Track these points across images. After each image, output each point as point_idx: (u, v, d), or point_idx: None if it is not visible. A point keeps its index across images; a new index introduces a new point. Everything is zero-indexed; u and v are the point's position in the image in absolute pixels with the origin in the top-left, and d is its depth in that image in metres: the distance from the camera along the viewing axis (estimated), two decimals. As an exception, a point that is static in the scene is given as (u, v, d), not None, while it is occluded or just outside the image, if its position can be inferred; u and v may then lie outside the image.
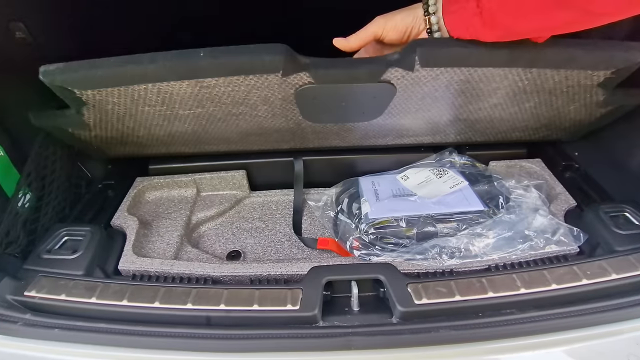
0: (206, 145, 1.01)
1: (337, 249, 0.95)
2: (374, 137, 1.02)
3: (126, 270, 0.82)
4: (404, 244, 0.87)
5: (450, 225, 0.90)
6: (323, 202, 1.06)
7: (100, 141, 0.93)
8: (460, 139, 1.05)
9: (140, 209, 1.03)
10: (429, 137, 1.04)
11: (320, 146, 1.04)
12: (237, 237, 1.01)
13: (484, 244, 0.84)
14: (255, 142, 1.01)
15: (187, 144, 0.98)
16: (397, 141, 1.05)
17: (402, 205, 0.95)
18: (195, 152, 1.04)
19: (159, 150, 1.01)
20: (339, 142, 1.03)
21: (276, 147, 1.04)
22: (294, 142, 1.02)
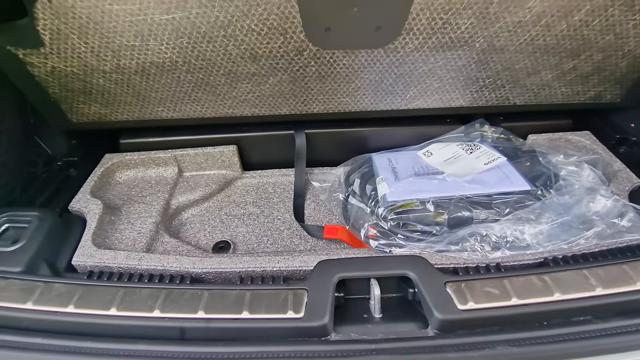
0: (188, 104, 0.82)
1: (349, 238, 0.77)
2: (392, 94, 0.83)
3: (82, 265, 0.64)
4: (433, 232, 0.70)
5: (489, 209, 0.73)
6: (330, 183, 0.88)
7: (59, 83, 0.74)
8: (495, 99, 0.86)
9: (108, 191, 0.85)
10: (459, 94, 0.84)
11: (325, 110, 0.86)
12: (227, 225, 0.83)
13: (535, 231, 0.67)
14: (248, 100, 0.82)
15: (164, 101, 0.80)
16: (419, 103, 0.86)
17: (427, 185, 0.77)
18: (175, 118, 0.85)
19: (132, 113, 0.82)
20: (349, 102, 0.84)
21: (273, 112, 0.85)
22: (295, 101, 0.83)
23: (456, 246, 0.66)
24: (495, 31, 0.69)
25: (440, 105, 0.86)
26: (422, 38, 0.69)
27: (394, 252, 0.67)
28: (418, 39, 0.70)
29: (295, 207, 0.85)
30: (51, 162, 0.89)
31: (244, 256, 0.65)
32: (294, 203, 0.86)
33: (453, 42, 0.71)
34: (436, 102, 0.86)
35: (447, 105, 0.87)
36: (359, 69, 0.76)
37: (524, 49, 0.73)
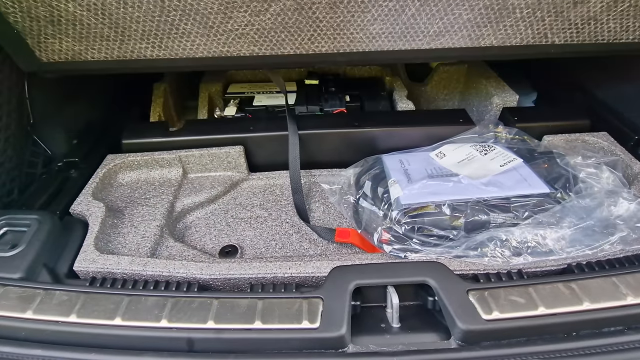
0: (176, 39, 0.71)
1: (361, 242, 0.75)
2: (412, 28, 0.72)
3: (84, 271, 0.61)
4: (450, 237, 0.67)
5: (507, 212, 0.70)
6: (340, 185, 0.85)
7: (20, 9, 0.64)
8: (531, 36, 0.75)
9: (111, 193, 0.82)
10: (490, 29, 0.73)
11: (335, 50, 0.75)
12: (233, 228, 0.80)
13: (557, 236, 0.64)
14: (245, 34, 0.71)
15: (148, 34, 0.70)
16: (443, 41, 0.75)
17: (442, 187, 0.75)
18: (162, 58, 0.74)
19: (111, 50, 0.72)
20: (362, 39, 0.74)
21: (275, 51, 0.74)
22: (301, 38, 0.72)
23: (475, 251, 0.64)
24: None
25: (468, 43, 0.76)
26: None
27: (409, 258, 0.65)
28: None
29: (296, 205, 0.82)
30: (51, 162, 0.86)
31: (253, 261, 0.62)
32: (295, 200, 0.83)
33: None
34: (463, 39, 0.75)
35: (475, 44, 0.76)
36: (375, 18, 0.67)
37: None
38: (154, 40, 0.71)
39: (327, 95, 1.08)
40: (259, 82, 1.22)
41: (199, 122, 0.96)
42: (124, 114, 1.13)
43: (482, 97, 1.12)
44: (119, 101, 1.15)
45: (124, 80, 1.20)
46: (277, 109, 1.06)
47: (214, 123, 0.95)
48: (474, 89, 1.18)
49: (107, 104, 1.10)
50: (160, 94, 1.12)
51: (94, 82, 1.06)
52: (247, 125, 0.91)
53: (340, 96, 1.06)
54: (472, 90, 1.19)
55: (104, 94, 1.11)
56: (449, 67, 1.23)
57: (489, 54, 0.78)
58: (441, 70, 1.24)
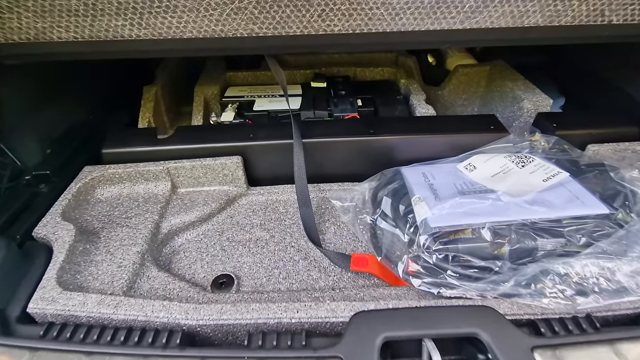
0: (159, 16, 0.59)
1: (382, 273, 0.62)
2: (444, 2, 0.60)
3: (40, 314, 0.49)
4: (493, 268, 0.55)
5: (558, 237, 0.58)
6: (354, 202, 0.73)
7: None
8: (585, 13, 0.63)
9: (86, 212, 0.70)
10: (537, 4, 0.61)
11: (351, 30, 0.64)
12: (229, 253, 0.68)
13: (630, 269, 0.52)
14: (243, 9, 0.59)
15: (124, 9, 0.58)
16: (480, 20, 0.63)
17: (478, 206, 0.63)
18: (144, 38, 0.63)
19: (82, 28, 0.60)
20: (383, 15, 0.62)
21: (279, 31, 0.63)
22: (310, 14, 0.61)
23: (527, 289, 0.51)
24: None
25: (509, 22, 0.64)
26: None
27: (443, 294, 0.53)
28: None
29: (304, 223, 0.70)
30: (19, 175, 0.74)
31: (252, 302, 0.50)
32: (302, 217, 0.70)
33: None
34: (504, 17, 0.63)
35: (517, 24, 0.64)
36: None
37: None
38: (132, 16, 0.59)
39: (336, 99, 0.96)
40: (261, 84, 1.10)
41: (192, 129, 0.85)
42: (112, 119, 1.01)
43: (508, 102, 1.00)
44: (107, 104, 1.03)
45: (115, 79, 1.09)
46: (280, 114, 0.94)
47: (209, 130, 0.83)
48: (498, 93, 1.06)
49: (93, 107, 0.98)
50: (151, 97, 1.01)
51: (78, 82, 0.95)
52: (247, 132, 0.80)
53: (351, 100, 0.95)
54: (496, 94, 1.08)
55: (90, 96, 0.99)
56: (469, 69, 1.12)
57: (530, 36, 0.66)
58: (460, 73, 1.12)
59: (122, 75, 1.09)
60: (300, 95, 0.99)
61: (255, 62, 1.18)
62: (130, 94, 1.04)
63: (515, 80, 1.01)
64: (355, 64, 1.14)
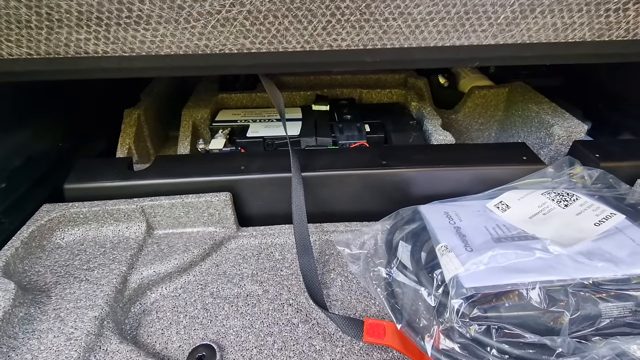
0: (131, 28, 0.48)
1: (403, 346, 0.50)
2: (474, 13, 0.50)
3: (-55, 420, 0.36)
4: (552, 346, 0.42)
5: (626, 301, 0.46)
6: (364, 249, 0.61)
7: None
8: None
9: (39, 262, 0.58)
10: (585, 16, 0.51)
11: (361, 45, 0.53)
12: (212, 314, 0.55)
13: None
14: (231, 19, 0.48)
15: (88, 19, 0.48)
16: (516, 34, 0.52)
17: (522, 259, 0.50)
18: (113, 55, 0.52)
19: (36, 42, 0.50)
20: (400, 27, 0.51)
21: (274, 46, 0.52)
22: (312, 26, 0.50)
23: (603, 380, 0.39)
24: None
25: (551, 37, 0.54)
26: None
27: (488, 383, 0.40)
28: None
29: (304, 275, 0.57)
30: (-38, 215, 0.62)
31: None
32: (301, 267, 0.58)
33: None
34: (545, 32, 0.53)
35: (560, 39, 0.54)
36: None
37: None
38: (97, 29, 0.48)
39: (341, 124, 0.85)
40: (256, 107, 1.00)
41: (173, 159, 0.73)
42: (86, 146, 0.90)
43: (533, 127, 0.90)
44: (81, 129, 0.92)
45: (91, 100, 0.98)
46: (277, 140, 0.83)
47: (194, 161, 0.72)
48: (520, 117, 0.96)
49: (64, 132, 0.87)
50: (133, 121, 0.90)
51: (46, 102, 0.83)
52: (238, 163, 0.68)
53: (358, 125, 0.84)
54: (517, 118, 0.97)
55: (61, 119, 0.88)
56: (486, 90, 1.02)
57: (576, 53, 0.55)
58: (476, 95, 1.02)
59: (100, 96, 0.98)
60: (300, 119, 0.88)
61: (251, 83, 1.08)
62: (109, 117, 0.93)
63: (540, 103, 0.91)
64: (361, 86, 1.04)
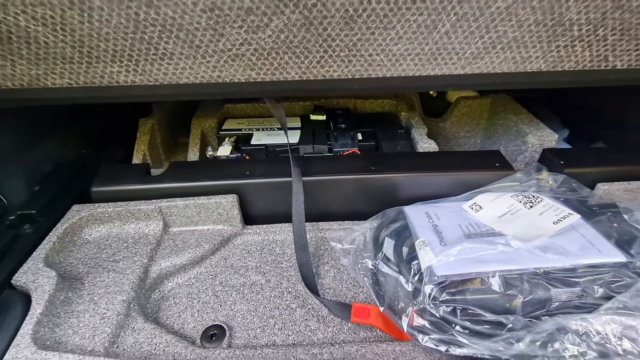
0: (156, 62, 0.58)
1: (385, 325, 0.58)
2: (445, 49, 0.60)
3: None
4: (507, 324, 0.51)
5: (572, 288, 0.54)
6: (354, 244, 0.69)
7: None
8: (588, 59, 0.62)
9: (71, 255, 0.67)
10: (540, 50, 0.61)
11: (350, 75, 0.63)
12: (222, 300, 0.64)
13: (655, 327, 0.48)
14: (240, 55, 0.59)
15: (120, 55, 0.57)
16: (482, 65, 0.63)
17: (487, 252, 0.59)
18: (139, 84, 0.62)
19: (76, 74, 0.60)
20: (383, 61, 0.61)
21: (277, 76, 0.62)
22: (308, 60, 0.60)
23: (544, 350, 0.47)
24: None
25: (512, 68, 0.64)
26: None
27: (452, 352, 0.49)
28: None
29: (301, 269, 0.66)
30: (3, 214, 0.71)
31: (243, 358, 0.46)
32: (298, 262, 0.67)
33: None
34: (506, 62, 0.63)
35: (520, 69, 0.64)
36: (404, 4, 0.54)
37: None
38: (128, 63, 0.58)
39: (336, 132, 0.94)
40: (259, 117, 1.09)
41: (186, 165, 0.82)
42: (107, 153, 0.99)
43: (512, 136, 0.98)
44: (102, 139, 1.01)
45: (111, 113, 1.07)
46: (278, 148, 0.92)
47: (204, 166, 0.81)
48: (501, 126, 1.05)
49: (87, 142, 0.96)
50: (147, 130, 0.99)
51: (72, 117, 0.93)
52: (243, 169, 0.77)
53: (351, 134, 0.92)
54: (499, 127, 1.06)
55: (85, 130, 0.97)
56: (471, 100, 1.11)
57: (535, 80, 0.65)
58: (462, 105, 1.11)
59: (119, 109, 1.07)
60: (299, 128, 0.97)
61: (254, 94, 1.17)
62: (126, 126, 1.03)
63: (518, 114, 0.99)
64: (356, 96, 1.13)
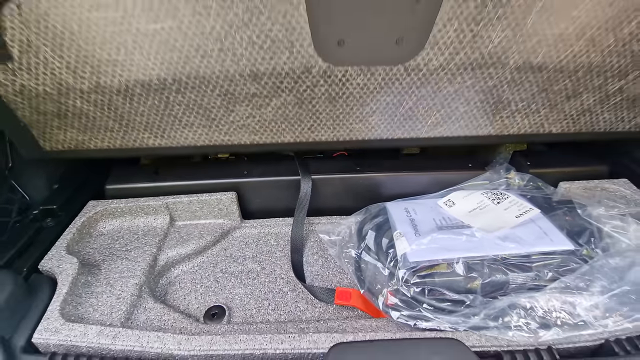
0: (178, 130, 0.72)
1: (364, 305, 0.66)
2: (411, 119, 0.74)
3: (44, 344, 0.53)
4: (465, 301, 0.59)
5: (528, 272, 0.63)
6: (340, 236, 0.78)
7: (29, 105, 0.65)
8: (528, 126, 0.76)
9: (88, 245, 0.75)
10: (487, 120, 0.74)
11: (335, 139, 0.76)
12: (222, 284, 0.72)
13: (589, 304, 0.56)
14: (247, 126, 0.72)
15: (151, 126, 0.71)
16: (441, 130, 0.77)
17: (454, 241, 0.67)
18: (163, 146, 0.75)
19: (114, 139, 0.73)
20: (362, 129, 0.75)
21: (275, 139, 0.76)
22: (301, 128, 0.74)
23: (495, 322, 0.55)
24: (533, 46, 0.60)
25: (466, 132, 0.76)
26: (449, 53, 0.61)
27: (419, 326, 0.57)
28: (444, 54, 0.61)
29: (293, 264, 0.75)
30: (27, 209, 0.79)
31: (240, 333, 0.54)
32: (292, 259, 0.76)
33: (484, 59, 0.62)
34: (461, 129, 0.76)
35: (473, 134, 0.77)
36: (375, 89, 0.67)
37: (565, 67, 0.64)
38: (156, 131, 0.72)
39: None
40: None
41: (190, 165, 0.90)
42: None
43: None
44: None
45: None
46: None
47: (206, 166, 0.89)
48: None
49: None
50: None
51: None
52: (242, 169, 0.86)
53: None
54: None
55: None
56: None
57: (488, 141, 0.80)
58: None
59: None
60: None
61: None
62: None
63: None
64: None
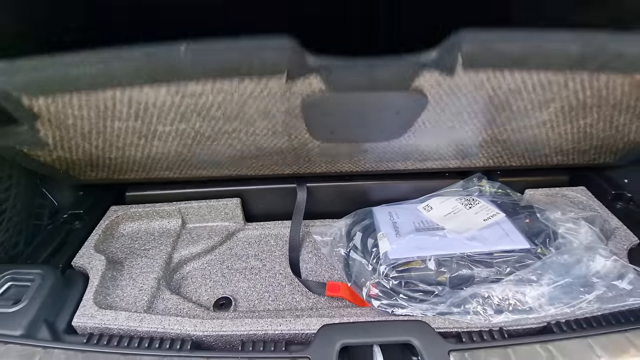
0: (193, 170, 0.85)
1: (351, 296, 0.77)
2: (392, 161, 0.87)
3: (82, 326, 0.64)
4: (435, 292, 0.70)
5: (490, 267, 0.73)
6: (331, 237, 0.89)
7: (64, 164, 0.77)
8: (492, 163, 0.90)
9: (112, 244, 0.86)
10: (457, 161, 0.89)
11: (327, 171, 0.89)
12: (228, 279, 0.83)
13: (537, 293, 0.67)
14: (251, 167, 0.86)
15: (170, 167, 0.83)
16: (418, 165, 0.90)
17: (429, 241, 0.78)
18: (180, 178, 0.88)
19: (138, 175, 0.85)
20: (351, 166, 0.88)
21: (276, 172, 0.88)
22: (298, 166, 0.87)
23: (458, 308, 0.66)
24: (499, 132, 0.76)
25: (444, 166, 0.91)
26: (425, 136, 0.76)
27: (396, 313, 0.67)
28: (421, 136, 0.75)
29: (291, 262, 0.86)
30: (57, 213, 0.90)
31: (245, 318, 0.65)
32: (290, 258, 0.86)
33: (454, 139, 0.79)
34: (435, 164, 0.91)
35: (445, 168, 0.92)
36: (362, 150, 0.81)
37: (525, 140, 0.78)
38: (175, 170, 0.84)
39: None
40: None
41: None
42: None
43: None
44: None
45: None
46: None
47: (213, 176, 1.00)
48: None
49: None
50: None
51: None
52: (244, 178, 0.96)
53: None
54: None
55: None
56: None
57: (459, 170, 0.94)
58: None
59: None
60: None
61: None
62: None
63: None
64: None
